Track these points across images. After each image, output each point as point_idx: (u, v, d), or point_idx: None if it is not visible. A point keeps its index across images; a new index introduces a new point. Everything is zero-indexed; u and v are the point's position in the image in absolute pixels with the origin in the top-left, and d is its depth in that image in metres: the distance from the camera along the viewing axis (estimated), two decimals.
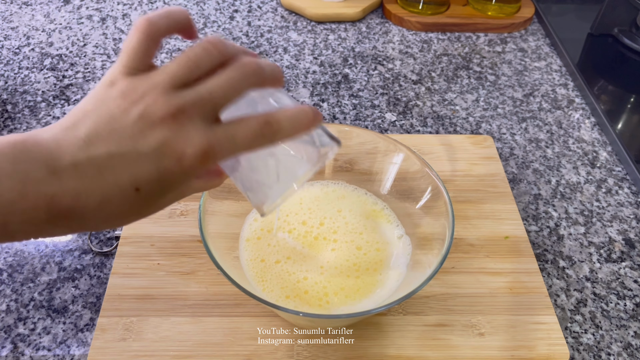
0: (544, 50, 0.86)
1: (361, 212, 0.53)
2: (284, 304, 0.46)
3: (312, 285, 0.47)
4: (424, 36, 0.87)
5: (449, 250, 0.44)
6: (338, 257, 0.49)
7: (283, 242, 0.50)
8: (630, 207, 0.63)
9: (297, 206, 0.53)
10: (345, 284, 0.47)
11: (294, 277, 0.48)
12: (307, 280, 0.48)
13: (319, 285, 0.47)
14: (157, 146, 0.30)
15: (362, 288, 0.47)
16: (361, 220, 0.52)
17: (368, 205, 0.54)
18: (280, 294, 0.47)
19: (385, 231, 0.52)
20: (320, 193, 0.55)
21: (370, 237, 0.51)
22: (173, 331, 0.48)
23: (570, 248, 0.58)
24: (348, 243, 0.50)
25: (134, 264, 0.53)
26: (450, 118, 0.73)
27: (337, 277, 0.48)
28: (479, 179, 0.62)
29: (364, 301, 0.46)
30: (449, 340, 0.48)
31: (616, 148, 0.69)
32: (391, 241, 0.51)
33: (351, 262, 0.49)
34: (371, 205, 0.54)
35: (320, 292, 0.47)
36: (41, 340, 0.48)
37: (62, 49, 0.80)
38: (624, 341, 0.51)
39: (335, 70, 0.79)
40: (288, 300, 0.46)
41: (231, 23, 0.88)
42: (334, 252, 0.50)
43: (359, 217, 0.53)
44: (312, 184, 0.56)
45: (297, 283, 0.47)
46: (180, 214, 0.57)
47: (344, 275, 0.48)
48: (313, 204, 0.54)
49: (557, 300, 0.53)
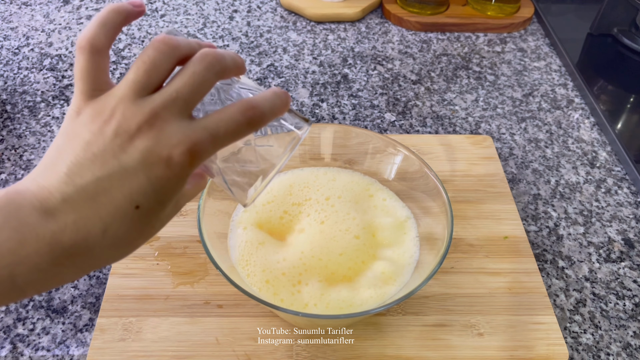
0: (544, 50, 0.86)
1: (352, 198, 0.53)
2: (265, 288, 0.46)
3: (290, 268, 0.47)
4: (424, 36, 0.87)
5: (448, 250, 0.45)
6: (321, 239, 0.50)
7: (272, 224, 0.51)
8: (630, 207, 0.63)
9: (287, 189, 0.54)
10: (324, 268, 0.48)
11: (273, 258, 0.48)
12: (286, 262, 0.48)
13: (295, 270, 0.47)
14: (142, 157, 0.29)
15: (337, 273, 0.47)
16: (352, 205, 0.52)
17: (362, 191, 0.54)
18: (261, 277, 0.47)
19: (375, 218, 0.52)
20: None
21: (360, 221, 0.51)
22: (172, 331, 0.48)
23: (570, 248, 0.58)
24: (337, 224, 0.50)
25: (133, 264, 0.53)
26: (450, 118, 0.73)
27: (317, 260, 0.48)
28: (478, 179, 0.62)
29: (339, 286, 0.46)
30: (448, 340, 0.48)
31: (615, 148, 0.69)
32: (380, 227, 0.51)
33: (337, 246, 0.49)
34: (365, 191, 0.55)
35: (295, 278, 0.47)
36: (40, 340, 0.48)
37: (61, 49, 0.80)
38: (623, 341, 0.51)
39: (334, 70, 0.79)
40: (268, 286, 0.46)
41: (230, 23, 0.88)
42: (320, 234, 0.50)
43: (349, 202, 0.53)
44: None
45: (277, 264, 0.47)
46: (180, 214, 0.57)
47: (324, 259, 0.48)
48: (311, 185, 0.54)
49: (557, 300, 0.53)
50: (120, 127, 0.29)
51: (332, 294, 0.46)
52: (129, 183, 0.29)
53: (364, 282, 0.47)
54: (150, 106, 0.30)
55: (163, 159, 0.29)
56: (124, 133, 0.29)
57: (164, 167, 0.29)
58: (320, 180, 0.55)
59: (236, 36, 0.85)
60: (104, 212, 0.29)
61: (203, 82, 0.31)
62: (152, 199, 0.30)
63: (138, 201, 0.29)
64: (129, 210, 0.29)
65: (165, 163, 0.29)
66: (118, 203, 0.29)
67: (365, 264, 0.48)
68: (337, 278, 0.47)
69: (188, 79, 0.31)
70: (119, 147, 0.29)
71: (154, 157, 0.29)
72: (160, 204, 0.31)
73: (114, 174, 0.29)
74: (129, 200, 0.29)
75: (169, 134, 0.29)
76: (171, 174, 0.30)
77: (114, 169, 0.29)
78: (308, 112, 0.72)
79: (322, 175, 0.56)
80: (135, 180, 0.29)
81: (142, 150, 0.29)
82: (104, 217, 0.29)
